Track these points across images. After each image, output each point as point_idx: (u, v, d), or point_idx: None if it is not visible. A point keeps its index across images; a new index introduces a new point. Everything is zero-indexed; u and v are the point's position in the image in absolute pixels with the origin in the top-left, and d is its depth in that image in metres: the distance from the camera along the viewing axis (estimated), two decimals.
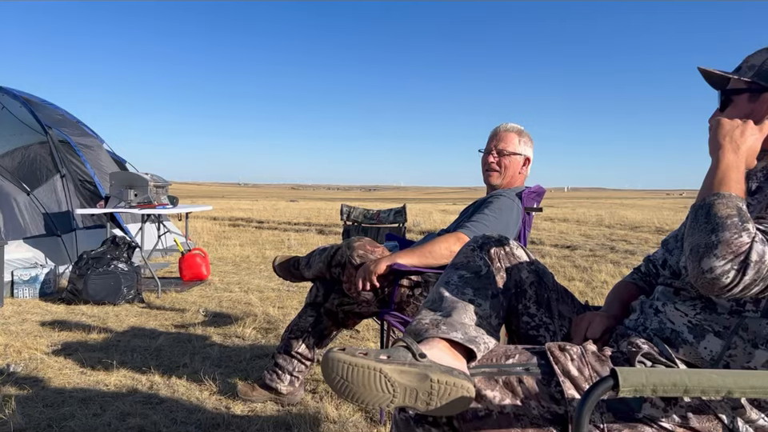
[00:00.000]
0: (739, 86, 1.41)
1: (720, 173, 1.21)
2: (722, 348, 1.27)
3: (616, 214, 19.26)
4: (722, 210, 1.14)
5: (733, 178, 1.20)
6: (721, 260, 1.09)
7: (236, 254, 8.54)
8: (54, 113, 7.38)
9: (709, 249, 1.10)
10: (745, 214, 1.14)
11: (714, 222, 1.13)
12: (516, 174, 2.73)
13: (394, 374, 1.21)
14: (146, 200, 5.78)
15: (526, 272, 1.58)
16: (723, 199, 1.16)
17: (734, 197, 1.17)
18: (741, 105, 1.39)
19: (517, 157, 2.72)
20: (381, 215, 4.65)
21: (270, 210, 22.28)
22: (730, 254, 1.08)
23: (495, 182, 2.73)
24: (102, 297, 4.91)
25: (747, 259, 1.08)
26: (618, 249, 9.54)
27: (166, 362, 3.39)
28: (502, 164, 2.71)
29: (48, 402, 2.75)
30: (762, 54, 1.40)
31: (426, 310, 1.44)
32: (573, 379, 1.27)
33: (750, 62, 1.42)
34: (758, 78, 1.38)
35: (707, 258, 1.10)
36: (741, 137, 1.26)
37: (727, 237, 1.10)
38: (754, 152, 1.28)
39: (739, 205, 1.15)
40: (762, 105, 1.36)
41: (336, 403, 2.78)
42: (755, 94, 1.37)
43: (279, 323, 4.34)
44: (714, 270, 1.09)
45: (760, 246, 1.09)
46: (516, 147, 2.72)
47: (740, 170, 1.23)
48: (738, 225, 1.11)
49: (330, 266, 2.67)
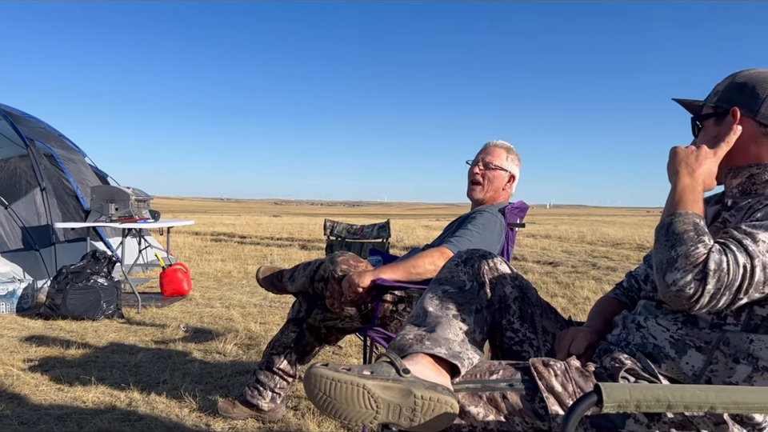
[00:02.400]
0: (707, 112, 1.48)
1: (677, 195, 1.27)
2: (703, 363, 1.28)
3: (597, 231, 19.41)
4: (680, 226, 1.19)
5: (689, 199, 1.26)
6: (681, 272, 1.13)
7: (218, 269, 8.47)
8: (36, 126, 7.31)
9: (670, 263, 1.15)
10: (701, 228, 1.19)
11: (673, 238, 1.18)
12: (500, 189, 2.74)
13: (378, 389, 1.20)
14: (126, 214, 5.72)
15: (509, 287, 1.58)
16: (680, 217, 1.21)
17: (690, 213, 1.22)
18: (708, 129, 1.46)
19: (502, 172, 2.73)
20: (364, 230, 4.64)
21: (253, 225, 22.18)
22: (689, 266, 1.13)
23: (478, 197, 2.73)
24: (81, 312, 4.83)
25: (705, 268, 1.11)
26: (600, 265, 9.61)
27: (146, 379, 3.34)
28: (486, 177, 2.72)
29: (23, 420, 2.69)
30: (726, 79, 1.47)
31: (409, 325, 1.44)
32: (557, 395, 1.27)
33: (717, 88, 1.49)
34: (721, 101, 1.45)
35: (669, 273, 1.15)
36: (695, 162, 1.32)
37: (685, 250, 1.15)
38: (711, 174, 1.34)
39: (695, 221, 1.20)
40: (726, 127, 1.40)
41: (318, 420, 2.75)
42: (720, 117, 1.43)
43: (261, 339, 4.29)
44: (677, 282, 1.13)
45: (717, 256, 1.12)
46: (502, 162, 2.73)
47: (696, 191, 1.29)
48: (695, 238, 1.16)
49: (313, 280, 2.65)
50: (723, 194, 1.48)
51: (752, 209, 1.30)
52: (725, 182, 1.47)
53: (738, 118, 1.38)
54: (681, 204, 1.25)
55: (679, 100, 1.55)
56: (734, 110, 1.39)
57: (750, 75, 1.43)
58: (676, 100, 1.56)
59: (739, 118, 1.39)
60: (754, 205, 1.31)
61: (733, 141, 1.37)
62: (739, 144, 1.38)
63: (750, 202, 1.34)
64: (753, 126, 1.38)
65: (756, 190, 1.38)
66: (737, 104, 1.40)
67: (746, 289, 1.13)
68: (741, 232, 1.18)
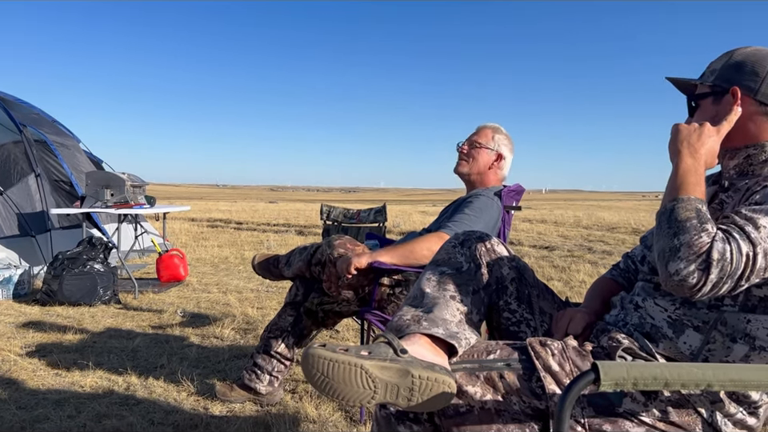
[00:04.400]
0: (704, 91, 1.46)
1: (679, 178, 1.25)
2: (701, 343, 1.28)
3: (593, 216, 19.45)
4: (682, 213, 1.17)
5: (691, 182, 1.24)
6: (684, 261, 1.11)
7: (214, 254, 8.47)
8: (30, 112, 7.26)
9: (673, 252, 1.13)
10: (704, 215, 1.16)
11: (676, 225, 1.16)
12: (485, 168, 2.75)
13: (375, 369, 1.20)
14: (122, 200, 5.70)
15: (506, 268, 1.58)
16: (682, 203, 1.19)
17: (692, 199, 1.20)
18: (706, 108, 1.44)
19: (487, 150, 2.75)
20: (361, 215, 4.63)
21: (249, 211, 22.14)
22: (693, 255, 1.11)
23: (462, 170, 2.79)
24: (78, 298, 4.83)
25: (709, 258, 1.10)
26: (596, 249, 9.63)
27: (143, 363, 3.34)
28: (470, 154, 2.77)
29: (21, 404, 2.69)
30: (722, 57, 1.45)
31: (407, 307, 1.44)
32: (554, 374, 1.27)
33: (712, 66, 1.47)
34: (719, 80, 1.42)
35: (672, 262, 1.13)
36: (698, 141, 1.30)
37: (688, 239, 1.12)
38: (714, 153, 1.32)
39: (698, 206, 1.18)
40: (725, 106, 1.39)
41: (316, 403, 2.76)
42: (718, 96, 1.42)
43: (258, 324, 4.30)
44: (680, 272, 1.11)
45: (720, 245, 1.11)
46: (488, 142, 2.76)
47: (698, 172, 1.27)
48: (698, 226, 1.14)
49: (310, 264, 2.65)
50: (720, 175, 1.47)
51: (750, 190, 1.30)
52: (721, 163, 1.46)
53: (739, 98, 1.37)
54: (683, 188, 1.23)
55: (672, 79, 1.53)
56: (734, 90, 1.37)
57: (747, 53, 1.42)
58: (669, 79, 1.54)
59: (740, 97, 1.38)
60: (752, 186, 1.30)
61: (734, 120, 1.35)
62: (738, 124, 1.36)
63: (747, 183, 1.33)
64: (752, 105, 1.37)
65: (753, 170, 1.38)
66: (735, 83, 1.38)
67: (748, 276, 1.12)
68: (742, 217, 1.17)
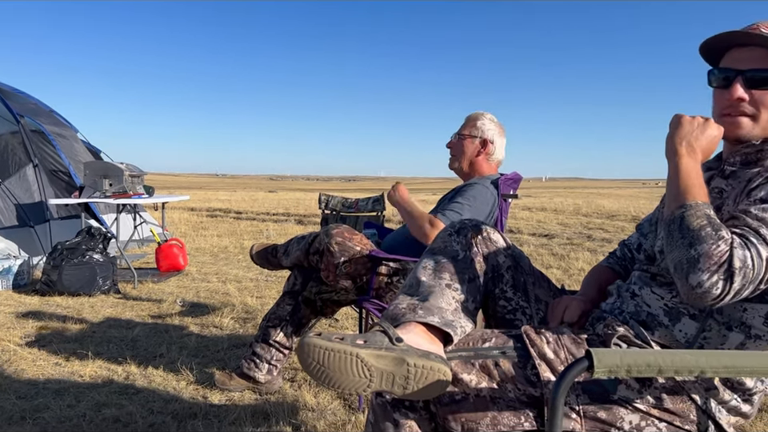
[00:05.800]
0: None
1: (681, 181, 1.20)
2: (696, 331, 1.28)
3: (593, 203, 19.43)
4: (693, 221, 1.12)
5: (695, 184, 1.19)
6: (706, 273, 1.07)
7: (214, 244, 8.47)
8: (27, 102, 7.23)
9: (692, 264, 1.09)
10: (715, 221, 1.12)
11: (690, 235, 1.11)
12: (473, 156, 2.76)
13: (371, 358, 1.20)
14: (121, 190, 5.69)
15: (502, 256, 1.58)
16: (691, 210, 1.14)
17: (700, 205, 1.15)
18: None
19: (471, 139, 2.76)
20: (359, 204, 4.63)
21: (249, 200, 22.12)
22: (714, 266, 1.07)
23: (453, 166, 2.83)
24: (77, 288, 4.83)
25: (731, 267, 1.06)
26: (595, 237, 9.63)
27: (143, 353, 3.36)
28: (456, 147, 2.80)
29: (21, 394, 2.70)
30: None
31: (402, 295, 1.44)
32: (548, 362, 1.28)
33: None
34: None
35: (693, 274, 1.08)
36: (696, 141, 1.25)
37: (706, 249, 1.08)
38: (712, 150, 1.27)
39: (707, 212, 1.14)
40: None
41: (314, 391, 2.77)
42: None
43: (257, 313, 4.31)
44: (703, 284, 1.07)
45: (740, 252, 1.08)
46: (471, 130, 2.78)
47: (698, 171, 1.23)
48: (713, 234, 1.09)
49: (308, 253, 2.65)
50: (720, 160, 1.42)
51: (751, 181, 1.26)
52: (726, 148, 1.40)
53: None
54: (688, 193, 1.18)
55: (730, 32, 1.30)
56: None
57: None
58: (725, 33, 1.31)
59: None
60: (753, 177, 1.26)
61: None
62: None
63: (748, 173, 1.30)
64: None
65: (758, 160, 1.32)
66: None
67: (767, 279, 1.11)
68: (753, 218, 1.14)
